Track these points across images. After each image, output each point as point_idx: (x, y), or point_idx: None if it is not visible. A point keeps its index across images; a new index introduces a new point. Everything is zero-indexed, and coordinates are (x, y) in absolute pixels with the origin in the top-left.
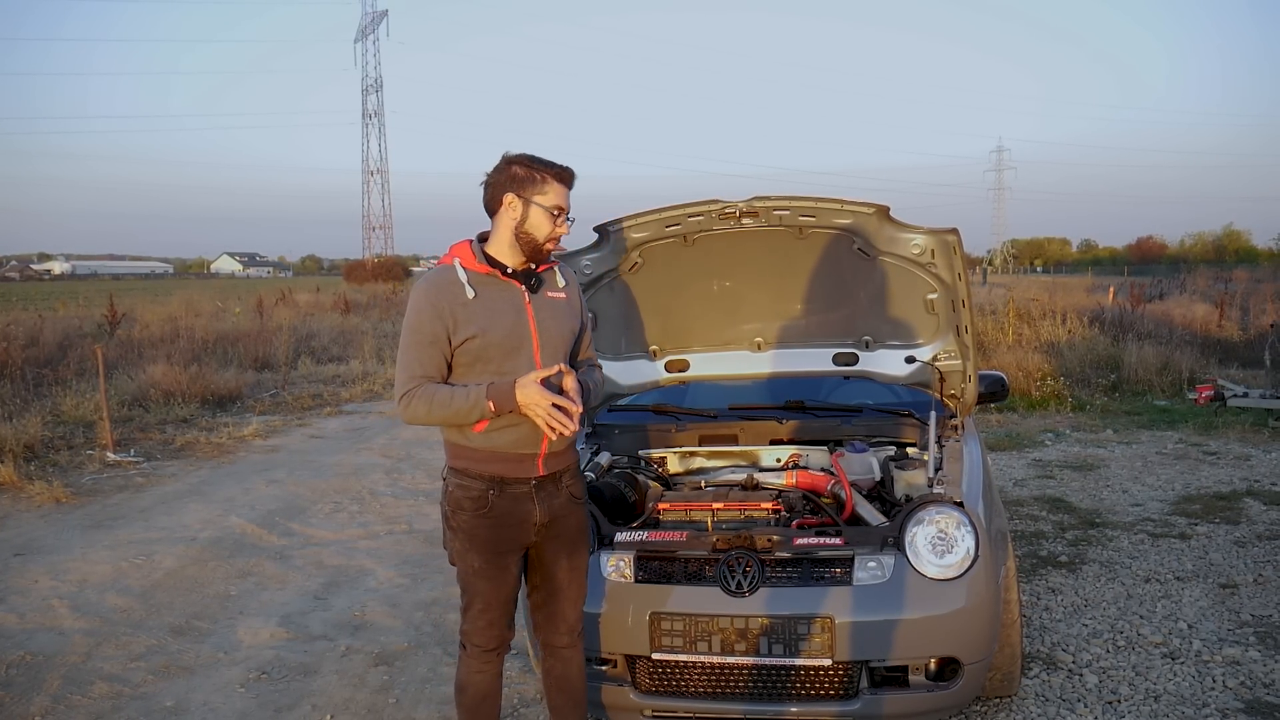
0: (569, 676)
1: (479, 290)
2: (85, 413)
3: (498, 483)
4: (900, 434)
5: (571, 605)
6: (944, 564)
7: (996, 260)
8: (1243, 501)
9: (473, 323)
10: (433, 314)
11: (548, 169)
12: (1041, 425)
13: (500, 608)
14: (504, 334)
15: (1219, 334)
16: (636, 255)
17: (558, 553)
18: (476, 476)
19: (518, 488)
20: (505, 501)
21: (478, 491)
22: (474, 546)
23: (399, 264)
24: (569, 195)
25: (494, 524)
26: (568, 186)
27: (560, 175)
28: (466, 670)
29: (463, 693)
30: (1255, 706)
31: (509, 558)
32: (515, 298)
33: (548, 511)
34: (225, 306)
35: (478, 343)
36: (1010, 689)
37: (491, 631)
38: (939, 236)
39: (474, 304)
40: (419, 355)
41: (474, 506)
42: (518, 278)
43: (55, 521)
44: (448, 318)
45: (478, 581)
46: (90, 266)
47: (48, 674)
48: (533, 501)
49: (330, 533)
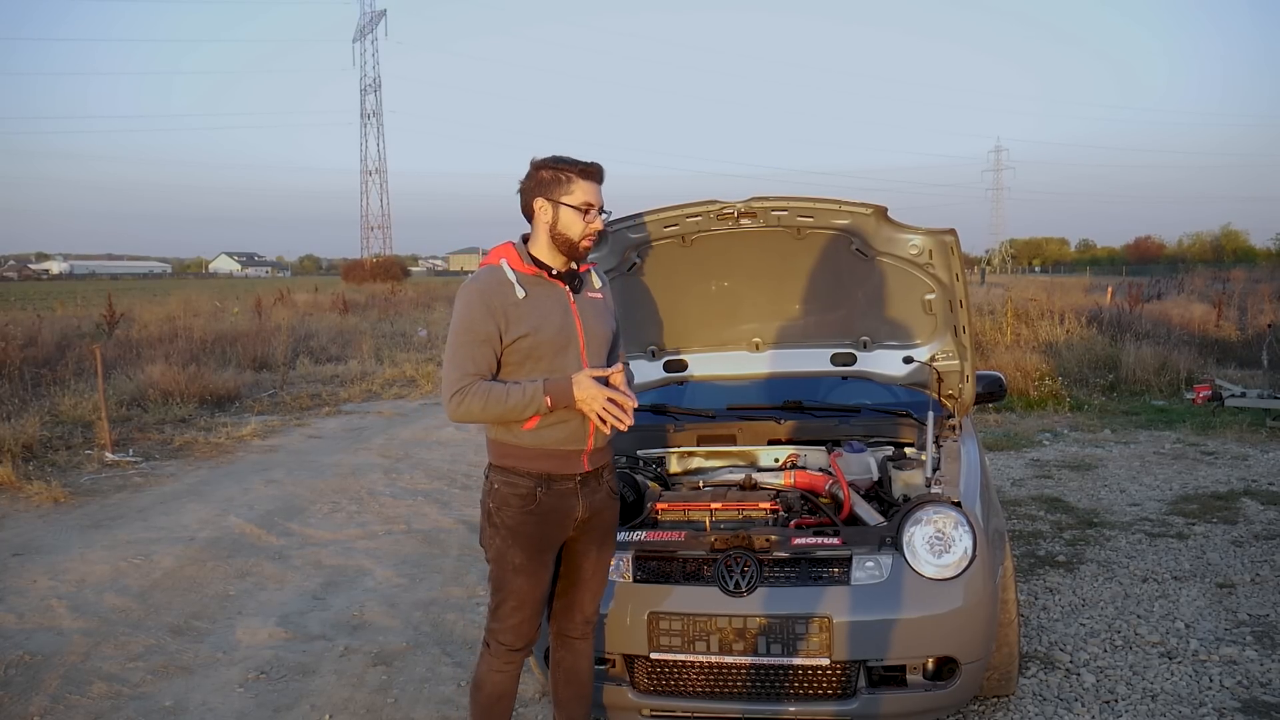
0: (578, 669)
1: (529, 290)
2: (83, 413)
3: (545, 479)
4: (898, 434)
5: (591, 597)
6: (941, 564)
7: (995, 260)
8: (1240, 501)
9: (525, 321)
10: (485, 312)
11: (572, 168)
12: (1039, 425)
13: (533, 606)
14: (554, 333)
15: (1217, 334)
16: (634, 256)
17: (589, 545)
18: (524, 474)
19: (564, 484)
20: (552, 498)
21: (525, 489)
22: (517, 543)
23: (397, 264)
24: (599, 190)
25: (540, 520)
26: (595, 182)
27: (585, 172)
28: (487, 668)
29: (479, 689)
30: (1252, 706)
31: (548, 554)
32: (561, 298)
33: (589, 507)
34: (223, 306)
35: (529, 341)
36: (1008, 688)
37: (521, 630)
38: (936, 237)
39: (525, 303)
40: (471, 353)
41: (521, 503)
42: (561, 278)
43: (54, 521)
44: (499, 317)
45: (516, 579)
46: (88, 266)
47: (46, 674)
48: (577, 497)
49: (329, 533)
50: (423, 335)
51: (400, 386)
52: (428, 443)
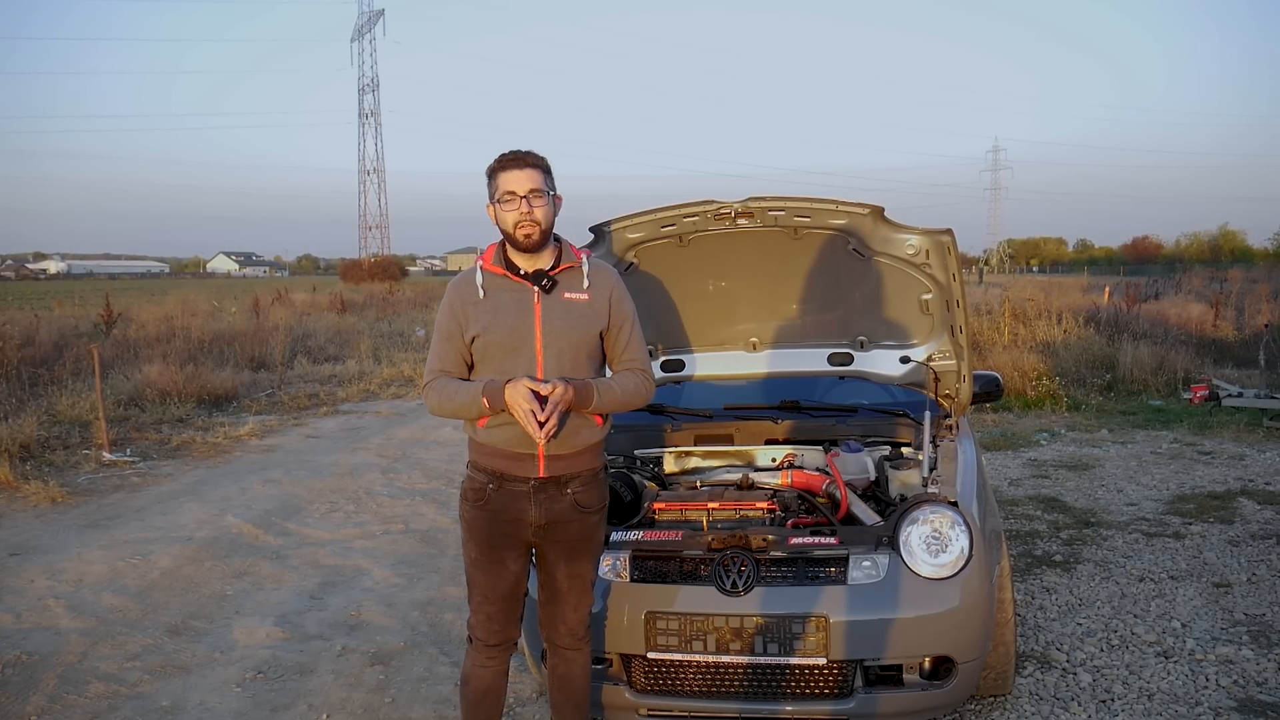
0: (571, 677)
1: (489, 290)
2: (81, 412)
3: (497, 478)
4: (895, 434)
5: (572, 610)
6: (938, 563)
7: (992, 260)
8: (1237, 501)
9: (479, 321)
10: (449, 312)
11: (494, 163)
12: (1037, 425)
13: (498, 603)
14: (505, 334)
15: (1214, 334)
16: (632, 255)
17: (557, 557)
18: (481, 470)
19: (516, 485)
20: (502, 497)
21: (479, 484)
22: (472, 537)
23: (395, 263)
24: (523, 176)
25: (489, 518)
26: (514, 169)
27: (500, 163)
28: (470, 663)
29: (465, 685)
30: (1248, 705)
31: (505, 553)
32: (525, 299)
33: (546, 514)
34: (221, 306)
35: (482, 341)
36: (1004, 688)
37: (491, 626)
38: (933, 237)
39: (483, 303)
40: (438, 350)
41: (474, 498)
42: (531, 278)
43: (51, 521)
44: (461, 316)
45: (475, 573)
46: (86, 266)
47: (44, 674)
48: (529, 501)
49: (326, 532)
50: (421, 335)
51: (398, 386)
52: (425, 442)
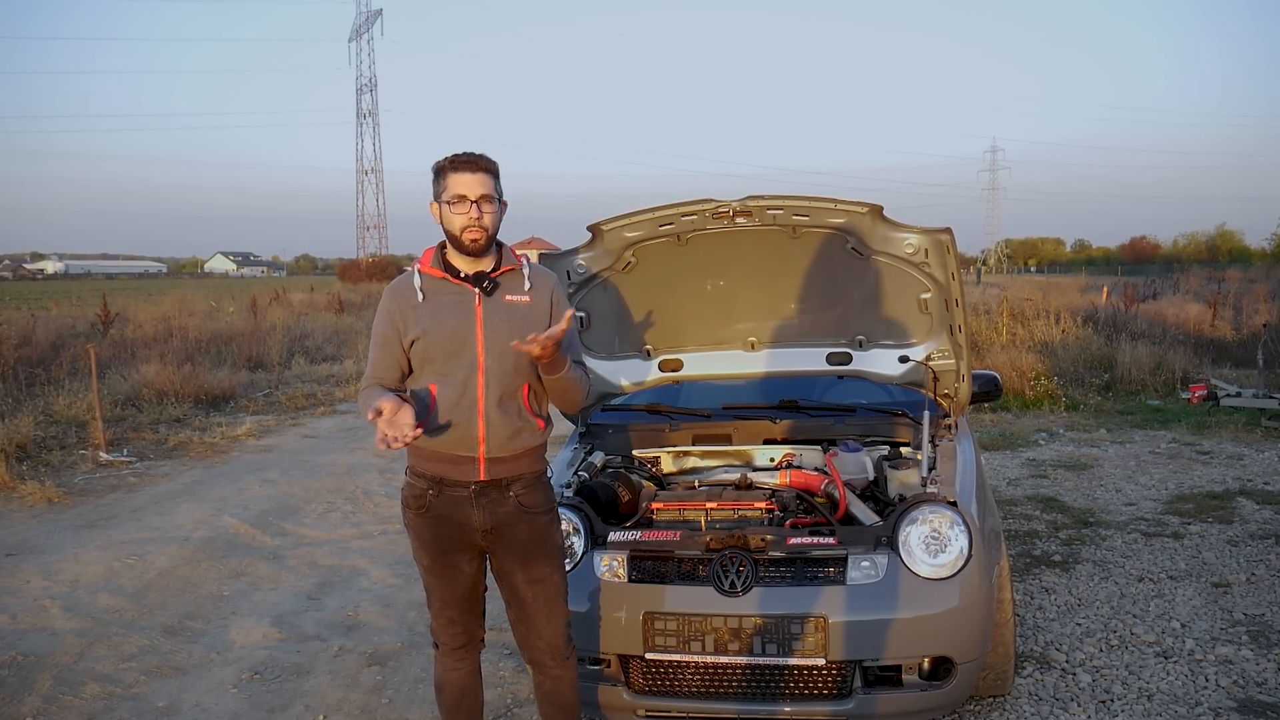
0: (560, 693)
1: (428, 294)
2: (78, 412)
3: (437, 483)
4: (894, 433)
5: (546, 622)
6: (937, 563)
7: (991, 260)
8: (1235, 501)
9: (419, 325)
10: (386, 317)
11: (444, 162)
12: (1035, 425)
13: (457, 606)
14: (445, 336)
15: (1212, 334)
16: (630, 255)
17: (512, 563)
18: (421, 475)
19: (457, 490)
20: (443, 503)
21: (419, 490)
22: (420, 544)
23: (393, 263)
24: (477, 180)
25: (433, 524)
26: (466, 173)
27: (454, 164)
28: (440, 669)
29: (440, 691)
30: (1248, 705)
31: (455, 557)
32: (465, 301)
33: (490, 518)
34: (219, 306)
35: (421, 344)
36: (1004, 688)
37: (454, 630)
38: (932, 236)
39: (421, 307)
40: (373, 357)
41: (415, 505)
42: (470, 280)
43: (47, 521)
44: (399, 320)
45: (429, 579)
46: (84, 266)
47: (39, 674)
48: (472, 505)
49: (323, 533)
50: None
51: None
52: None
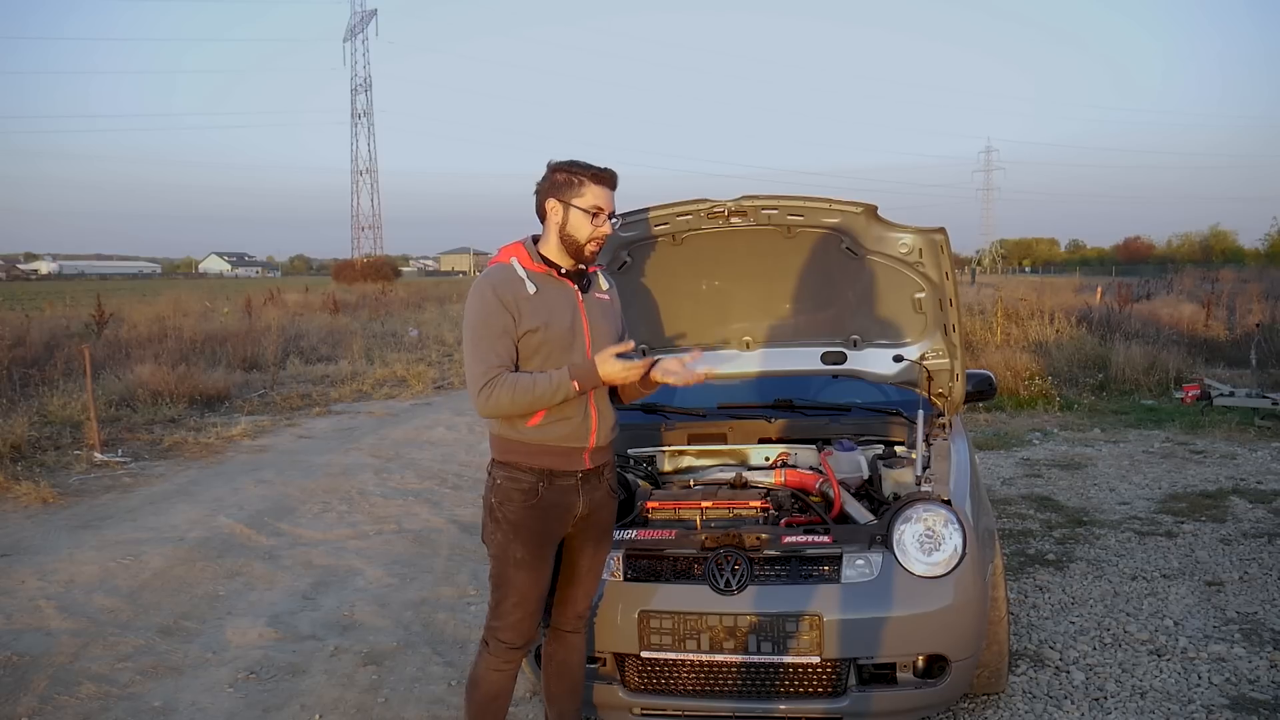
0: (569, 663)
1: (540, 286)
2: (72, 413)
3: (547, 475)
4: (888, 432)
5: (585, 593)
6: (931, 562)
7: (985, 260)
8: (1229, 500)
9: (536, 315)
10: (499, 306)
11: (585, 171)
12: (1029, 424)
13: (535, 603)
14: (564, 329)
15: (1206, 334)
16: (625, 254)
17: (586, 542)
18: (527, 469)
19: (565, 480)
20: (553, 493)
21: (528, 484)
22: (519, 537)
23: (388, 264)
24: (610, 195)
25: (542, 515)
26: (607, 187)
27: (598, 177)
28: (485, 667)
29: (475, 688)
30: (1240, 703)
31: (549, 550)
32: (570, 296)
33: (589, 504)
34: (213, 306)
35: (539, 336)
36: (998, 686)
37: (522, 628)
38: (927, 236)
39: (536, 299)
40: (493, 346)
41: (523, 498)
42: (570, 277)
43: (42, 522)
44: (513, 309)
45: (518, 574)
46: (77, 266)
47: (35, 675)
48: (578, 494)
49: (319, 533)
50: (414, 335)
51: (391, 386)
52: (418, 443)
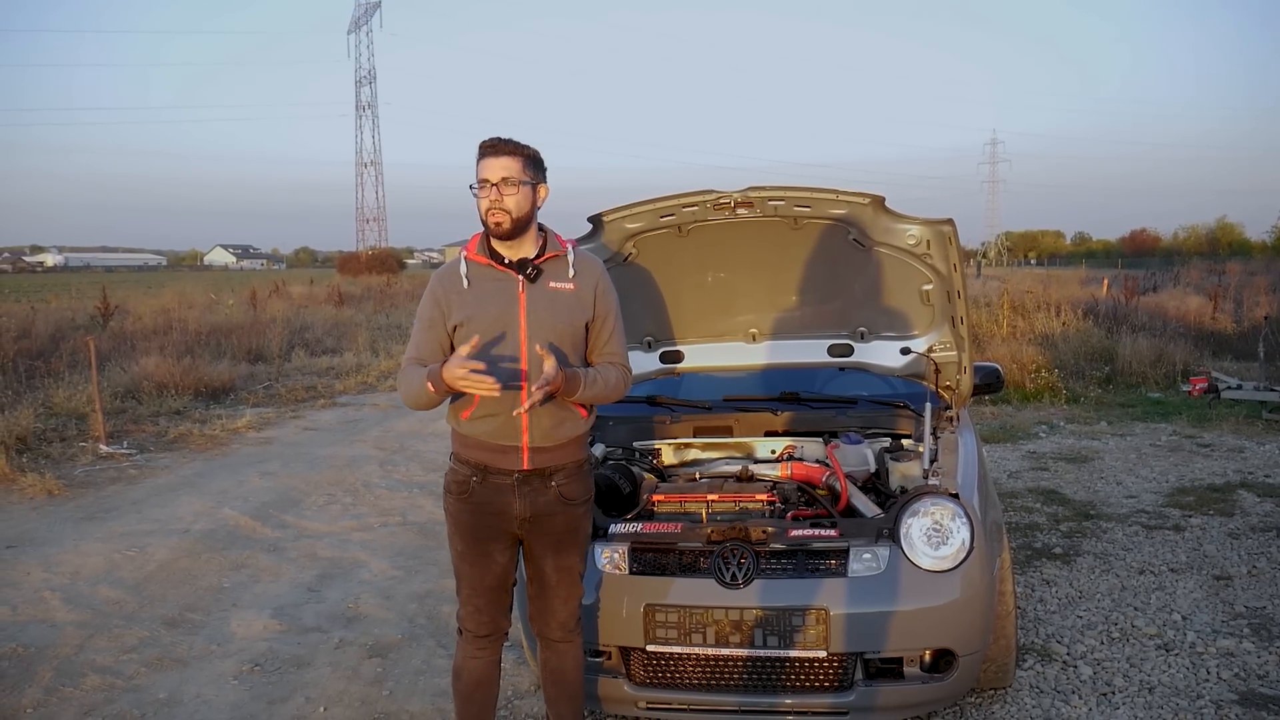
0: (564, 669)
1: (474, 279)
2: (78, 405)
3: (481, 470)
4: (895, 425)
5: (562, 603)
6: (939, 555)
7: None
8: (1236, 493)
9: (462, 310)
10: (432, 300)
11: (477, 150)
12: (1036, 417)
13: (486, 595)
14: (489, 322)
15: (1213, 326)
16: (631, 246)
17: (544, 550)
18: (465, 462)
19: (500, 478)
20: (486, 490)
21: (463, 477)
22: (457, 530)
23: (393, 256)
24: (497, 163)
25: (474, 510)
26: (490, 156)
27: (480, 150)
28: (461, 655)
29: (457, 678)
30: (1249, 698)
31: (491, 545)
32: (509, 287)
33: (530, 507)
34: (218, 299)
35: (465, 330)
36: (1005, 681)
37: (480, 618)
38: (934, 227)
39: (467, 292)
40: (416, 338)
41: (458, 490)
42: (514, 267)
43: (47, 514)
44: (444, 304)
45: (461, 565)
46: (83, 259)
47: (39, 666)
48: (514, 494)
49: (324, 525)
50: None
51: (395, 379)
52: (423, 435)
